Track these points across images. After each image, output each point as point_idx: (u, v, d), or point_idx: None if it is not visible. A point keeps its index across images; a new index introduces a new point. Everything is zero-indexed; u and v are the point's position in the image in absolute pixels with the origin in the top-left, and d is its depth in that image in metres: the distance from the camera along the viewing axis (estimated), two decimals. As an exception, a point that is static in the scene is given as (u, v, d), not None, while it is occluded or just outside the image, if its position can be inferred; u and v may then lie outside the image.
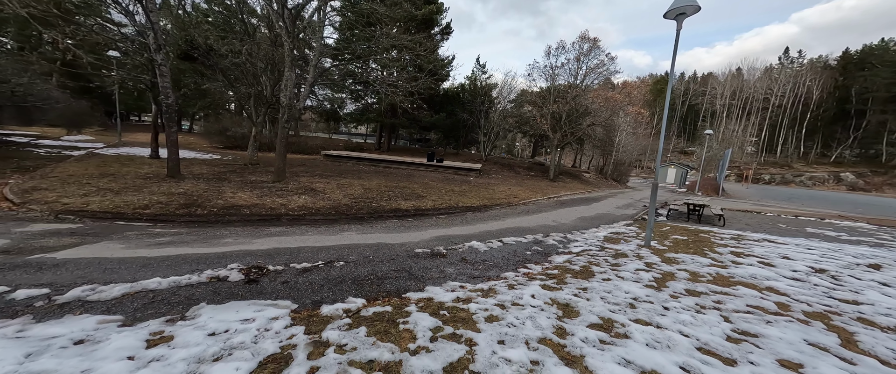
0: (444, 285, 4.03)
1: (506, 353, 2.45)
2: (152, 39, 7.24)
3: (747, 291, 3.90)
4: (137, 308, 2.99)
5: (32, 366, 2.00)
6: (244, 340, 2.48)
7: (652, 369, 2.34)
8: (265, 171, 11.07)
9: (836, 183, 53.81)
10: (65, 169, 8.35)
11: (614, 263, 4.99)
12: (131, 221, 5.61)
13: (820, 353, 2.63)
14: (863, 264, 5.35)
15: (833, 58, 70.76)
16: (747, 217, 11.66)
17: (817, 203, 20.83)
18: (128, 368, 2.05)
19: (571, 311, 3.26)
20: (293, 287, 3.71)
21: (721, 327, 3.01)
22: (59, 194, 6.04)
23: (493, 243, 6.12)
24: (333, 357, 2.31)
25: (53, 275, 3.48)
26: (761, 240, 7.14)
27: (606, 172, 27.14)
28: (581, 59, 17.06)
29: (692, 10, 5.55)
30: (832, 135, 64.87)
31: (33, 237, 4.49)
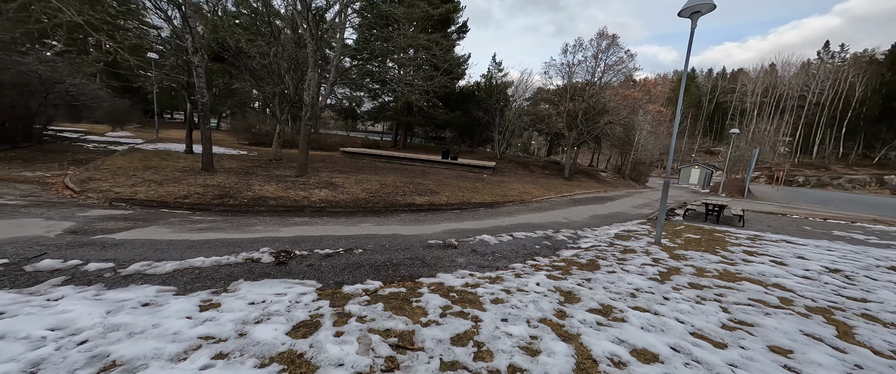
0: (455, 273, 4.30)
1: (508, 329, 2.71)
2: (190, 42, 7.87)
3: (752, 286, 3.98)
4: (187, 281, 3.43)
5: (113, 320, 2.43)
6: (279, 308, 2.85)
7: (643, 347, 2.54)
8: (288, 166, 11.68)
9: (879, 186, 50.24)
10: (113, 162, 9.19)
11: (621, 258, 5.12)
12: (174, 209, 6.20)
13: (813, 342, 2.74)
14: (883, 266, 5.23)
15: (880, 52, 65.78)
16: (770, 219, 11.30)
17: (854, 207, 19.71)
18: (187, 324, 2.45)
19: (573, 297, 3.47)
20: (317, 270, 4.08)
21: (718, 316, 3.14)
22: (112, 184, 6.74)
23: (504, 237, 6.35)
24: (355, 325, 2.64)
25: (115, 252, 4.01)
26: (779, 241, 7.02)
27: (624, 172, 26.58)
28: (599, 57, 16.86)
29: (707, 8, 5.56)
30: (876, 135, 60.47)
31: (94, 221, 5.09)
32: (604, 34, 16.76)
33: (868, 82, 61.81)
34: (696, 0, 5.55)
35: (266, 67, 11.15)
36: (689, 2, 5.62)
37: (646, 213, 11.34)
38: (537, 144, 48.03)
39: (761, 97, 72.02)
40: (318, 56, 8.48)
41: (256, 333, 2.42)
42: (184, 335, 2.32)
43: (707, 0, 5.48)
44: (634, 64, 16.64)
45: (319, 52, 8.68)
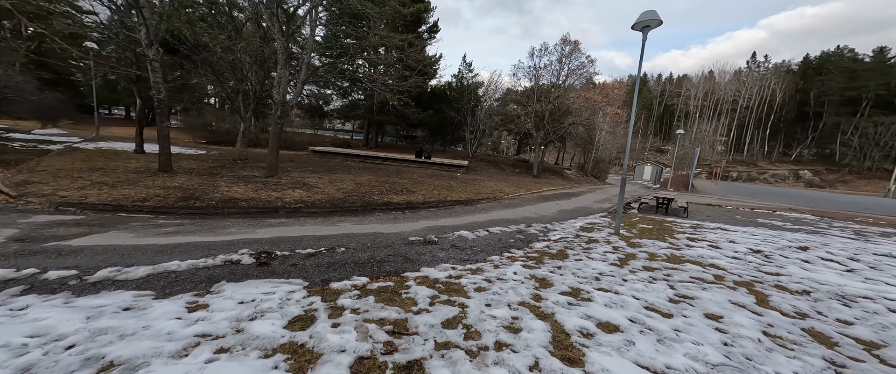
0: (438, 267, 4.53)
1: (492, 312, 3.00)
2: (144, 35, 7.31)
3: (693, 266, 4.62)
4: (165, 285, 3.34)
5: (97, 324, 2.37)
6: (271, 306, 2.91)
7: (606, 320, 2.94)
8: (256, 166, 11.20)
9: (795, 180, 57.76)
10: (50, 163, 8.28)
11: (586, 247, 5.64)
12: (132, 213, 5.80)
13: (738, 309, 3.32)
14: (794, 246, 6.25)
15: (795, 63, 75.56)
16: (709, 210, 12.76)
17: (776, 198, 22.64)
18: (179, 325, 2.45)
19: (547, 283, 3.84)
20: (301, 269, 4.11)
21: (666, 292, 3.66)
22: (54, 187, 6.13)
23: (480, 232, 6.67)
24: (350, 316, 2.78)
25: (75, 259, 3.75)
26: (715, 228, 8.04)
27: (587, 170, 28.39)
28: (563, 61, 17.90)
29: (655, 23, 6.25)
30: (793, 135, 69.42)
31: (41, 227, 4.67)
32: (567, 40, 17.84)
33: (786, 90, 70.75)
34: (646, 16, 6.23)
35: (229, 62, 10.59)
36: (641, 17, 6.29)
37: (606, 207, 12.30)
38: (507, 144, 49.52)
39: (702, 101, 79.74)
40: (287, 53, 8.25)
41: (254, 328, 2.48)
42: (179, 334, 2.33)
43: (655, 17, 6.17)
44: (594, 68, 17.95)
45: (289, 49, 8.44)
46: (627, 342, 2.58)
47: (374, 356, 2.23)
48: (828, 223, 10.50)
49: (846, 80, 62.06)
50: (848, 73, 62.73)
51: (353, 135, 36.11)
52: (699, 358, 2.42)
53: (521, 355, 2.35)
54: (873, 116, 54.95)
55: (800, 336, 2.82)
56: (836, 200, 26.08)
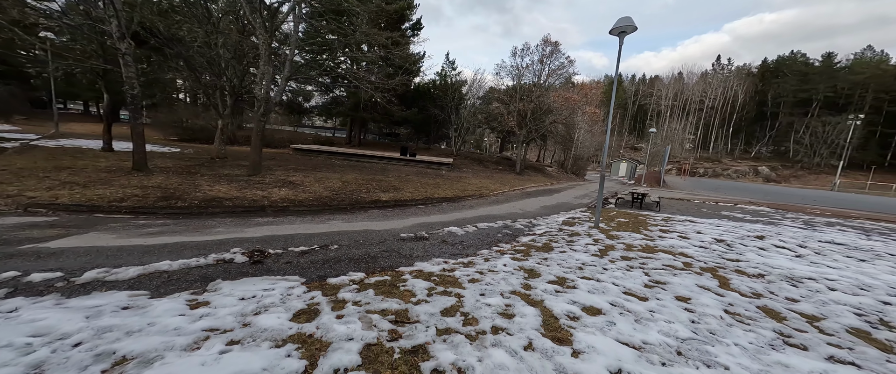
0: (431, 261, 4.69)
1: (486, 300, 3.20)
2: (115, 26, 6.95)
3: (665, 255, 5.03)
4: (158, 285, 3.31)
5: (99, 323, 2.37)
6: (273, 301, 2.97)
7: (590, 305, 3.21)
8: (236, 165, 10.88)
9: (754, 176, 62.00)
10: (9, 162, 7.73)
11: (569, 240, 5.97)
12: (109, 213, 5.58)
13: (704, 291, 3.70)
14: (752, 236, 6.87)
15: (754, 66, 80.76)
16: (679, 204, 13.61)
17: (737, 193, 24.32)
18: (185, 321, 2.49)
19: (535, 273, 4.09)
20: (296, 266, 4.15)
21: (641, 279, 4.00)
22: (20, 188, 5.77)
23: (469, 228, 6.88)
24: (353, 308, 2.90)
25: (57, 261, 3.63)
26: (684, 220, 8.66)
27: (567, 167, 29.33)
28: (544, 61, 18.42)
29: (631, 29, 6.65)
30: (753, 134, 74.38)
31: (12, 230, 4.43)
32: (548, 41, 18.36)
33: (747, 91, 75.57)
34: (622, 22, 6.61)
35: (206, 57, 10.21)
36: (618, 23, 6.67)
37: (585, 202, 12.86)
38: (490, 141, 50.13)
39: (672, 101, 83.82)
40: (270, 49, 8.08)
41: (260, 322, 2.56)
42: (186, 329, 2.37)
43: (630, 24, 6.56)
44: (574, 69, 18.58)
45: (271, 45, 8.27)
46: (609, 323, 2.85)
47: (380, 343, 2.38)
48: (781, 215, 11.50)
49: (799, 82, 67.09)
50: (800, 76, 67.84)
51: (335, 132, 35.43)
52: (671, 334, 2.72)
53: (516, 337, 2.56)
54: (822, 116, 59.72)
55: (755, 313, 3.21)
56: (790, 193, 28.31)
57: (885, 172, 54.32)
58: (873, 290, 3.94)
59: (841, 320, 3.09)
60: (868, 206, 18.14)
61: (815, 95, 64.80)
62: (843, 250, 6.14)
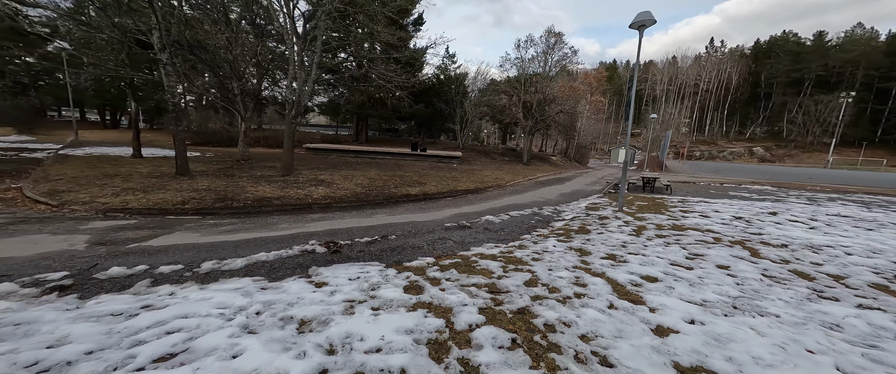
0: (483, 246, 5.16)
1: (557, 274, 3.69)
2: (157, 39, 7.22)
3: (694, 232, 5.55)
4: (267, 272, 3.76)
5: (257, 298, 2.82)
6: (378, 280, 3.43)
7: (646, 274, 3.71)
8: (263, 166, 11.24)
9: (749, 156, 63.03)
10: (59, 171, 8.03)
11: (602, 223, 6.48)
12: (177, 215, 5.98)
13: (739, 260, 4.22)
14: (765, 212, 7.43)
15: (747, 48, 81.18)
16: (686, 187, 14.19)
17: (736, 173, 25.02)
18: (322, 296, 2.94)
19: (585, 252, 4.58)
20: (369, 254, 4.61)
21: (681, 252, 4.52)
22: (92, 195, 6.14)
23: (503, 216, 7.36)
24: (449, 284, 3.37)
25: (168, 257, 4.05)
26: (699, 201, 9.21)
27: (570, 155, 29.87)
28: (549, 52, 18.74)
29: (650, 22, 7.05)
30: (747, 115, 75.20)
31: (108, 232, 4.83)
32: (551, 32, 18.66)
33: (741, 72, 76.16)
34: (642, 16, 7.01)
35: (229, 61, 10.47)
36: (637, 17, 7.07)
37: (597, 189, 13.39)
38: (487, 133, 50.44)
39: (667, 85, 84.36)
40: (302, 55, 8.40)
41: (382, 294, 3.03)
42: (330, 301, 2.84)
43: (649, 17, 6.96)
44: (577, 59, 18.94)
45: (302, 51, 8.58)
46: (668, 288, 3.36)
47: (490, 307, 2.86)
48: (785, 193, 12.12)
49: (791, 62, 67.73)
50: (792, 56, 68.43)
51: (338, 130, 35.59)
52: (723, 294, 3.23)
53: (597, 300, 3.05)
54: (814, 95, 60.50)
55: (788, 275, 3.73)
56: (786, 172, 29.12)
57: (876, 147, 55.56)
58: (884, 253, 4.49)
59: (862, 277, 3.62)
60: (862, 181, 18.89)
61: (807, 75, 65.56)
62: (849, 221, 6.71)
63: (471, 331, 2.47)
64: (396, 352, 2.17)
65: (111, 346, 2.09)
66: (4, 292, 2.93)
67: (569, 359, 2.16)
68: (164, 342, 2.14)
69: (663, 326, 2.60)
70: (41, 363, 1.91)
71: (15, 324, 2.29)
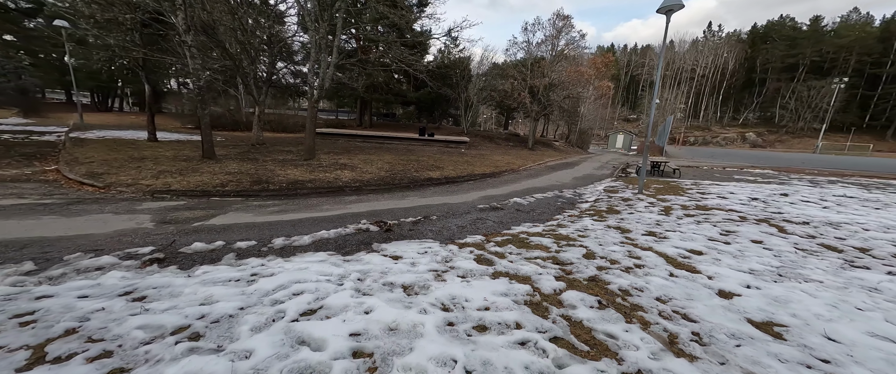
0: (522, 226, 5.42)
1: (609, 248, 3.97)
2: (181, 20, 7.08)
3: (719, 212, 5.89)
4: (335, 248, 3.96)
5: (351, 268, 3.03)
6: (445, 255, 3.66)
7: (690, 248, 4.01)
8: (281, 150, 11.25)
9: (742, 142, 64.13)
10: (84, 154, 7.98)
11: (627, 204, 6.79)
12: (221, 197, 6.10)
13: (769, 236, 4.55)
14: (777, 194, 7.82)
15: (744, 32, 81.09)
16: (692, 171, 14.62)
17: (732, 159, 25.64)
18: (405, 267, 3.17)
19: (625, 230, 4.88)
20: (419, 233, 4.84)
21: (714, 229, 4.84)
22: (133, 178, 6.19)
23: (529, 199, 7.63)
24: (513, 257, 3.63)
25: (237, 234, 4.22)
26: (711, 184, 9.60)
27: (572, 141, 30.14)
28: (558, 36, 18.62)
29: (678, 6, 7.15)
30: (741, 101, 75.98)
31: (165, 212, 4.95)
32: (560, 15, 18.48)
33: (737, 58, 76.36)
34: (670, 1, 7.10)
35: (243, 44, 10.29)
36: (665, 2, 7.15)
37: (607, 173, 13.73)
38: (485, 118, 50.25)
39: (665, 71, 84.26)
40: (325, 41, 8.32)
41: (460, 265, 3.28)
42: (416, 270, 3.08)
43: (678, 2, 7.06)
44: (584, 43, 18.89)
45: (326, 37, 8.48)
46: (715, 259, 3.67)
47: (563, 276, 3.13)
48: (787, 176, 12.61)
49: (787, 47, 68.02)
50: (789, 41, 68.68)
51: (338, 114, 35.13)
52: (766, 264, 3.55)
53: (657, 270, 3.35)
54: (808, 80, 61.22)
55: (818, 248, 4.08)
56: (778, 157, 29.91)
57: (864, 133, 56.98)
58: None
59: (885, 249, 3.99)
60: (851, 165, 19.58)
61: (801, 60, 66.05)
62: (856, 201, 7.14)
63: (558, 295, 2.74)
64: (503, 309, 2.43)
65: (256, 304, 2.31)
66: (108, 263, 3.10)
67: (655, 316, 2.45)
68: (300, 301, 2.36)
69: (724, 290, 2.90)
70: (207, 317, 2.12)
71: (154, 287, 2.48)
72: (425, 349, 1.94)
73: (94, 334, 1.89)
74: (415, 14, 21.78)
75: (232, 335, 2.00)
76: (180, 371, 1.64)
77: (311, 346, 1.93)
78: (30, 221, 4.04)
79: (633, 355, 1.95)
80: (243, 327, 2.06)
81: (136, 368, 1.66)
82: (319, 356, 1.83)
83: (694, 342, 2.13)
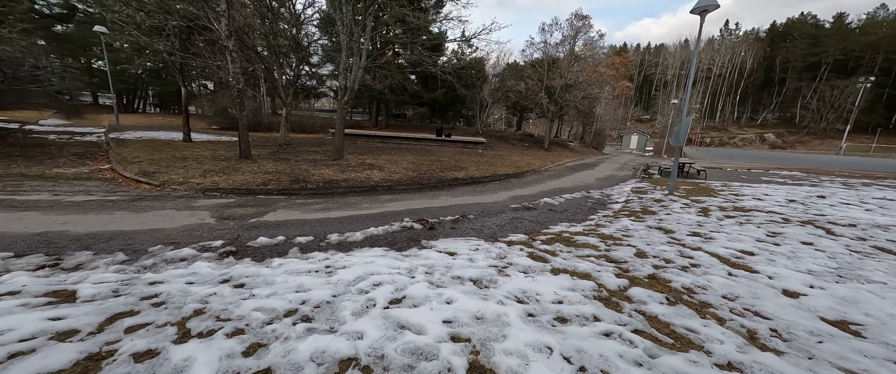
0: (560, 225, 5.49)
1: (659, 248, 4.02)
2: (224, 26, 7.37)
3: (759, 214, 5.85)
4: (386, 244, 4.11)
5: (414, 262, 3.17)
6: (498, 252, 3.77)
7: (740, 249, 4.03)
8: (308, 151, 11.53)
9: (760, 143, 62.43)
10: (131, 154, 8.35)
11: (661, 205, 6.78)
12: (267, 194, 6.34)
13: (818, 238, 4.52)
14: (813, 196, 7.69)
15: (763, 30, 79.04)
16: (716, 172, 14.39)
17: (753, 160, 25.07)
18: (465, 262, 3.29)
19: (668, 230, 4.90)
20: (461, 230, 4.95)
21: (758, 231, 4.83)
22: (183, 177, 6.49)
23: (558, 199, 7.68)
24: (563, 255, 3.71)
25: (293, 229, 4.41)
26: (741, 186, 9.47)
27: (587, 141, 29.91)
28: (577, 36, 18.56)
29: (713, 7, 7.11)
30: (760, 101, 74.00)
31: (219, 208, 5.19)
32: (578, 14, 18.43)
33: (755, 57, 74.46)
34: (705, 1, 7.07)
35: (272, 47, 10.60)
36: (700, 2, 7.12)
37: (629, 174, 13.63)
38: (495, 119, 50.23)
39: (680, 70, 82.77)
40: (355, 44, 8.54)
41: (516, 261, 3.38)
42: (477, 265, 3.19)
43: (713, 1, 7.02)
44: (603, 43, 18.75)
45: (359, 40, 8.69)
46: (769, 260, 3.68)
47: (623, 274, 3.20)
48: (817, 178, 12.32)
49: (809, 46, 66.04)
50: (810, 39, 66.66)
51: (351, 114, 35.65)
52: (822, 265, 3.55)
53: (714, 269, 3.39)
54: (831, 80, 59.27)
55: (871, 250, 4.05)
56: (801, 158, 29.09)
57: (890, 133, 54.92)
58: (949, 232, 4.79)
59: (942, 251, 3.94)
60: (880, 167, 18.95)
61: (824, 59, 64.00)
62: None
63: (624, 291, 2.82)
64: (577, 303, 2.53)
65: (345, 292, 2.47)
66: (189, 255, 3.31)
67: (726, 313, 2.51)
68: (384, 291, 2.51)
69: (789, 290, 2.93)
70: (309, 303, 2.28)
71: (246, 276, 2.66)
72: (518, 336, 2.05)
73: (219, 314, 2.06)
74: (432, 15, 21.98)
75: (337, 318, 2.15)
76: (310, 347, 1.79)
77: (412, 330, 2.06)
78: (105, 216, 4.31)
79: (720, 348, 2.03)
80: (344, 312, 2.21)
81: (272, 343, 1.82)
82: (424, 339, 1.96)
83: (775, 337, 2.19)
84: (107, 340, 1.76)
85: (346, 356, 1.81)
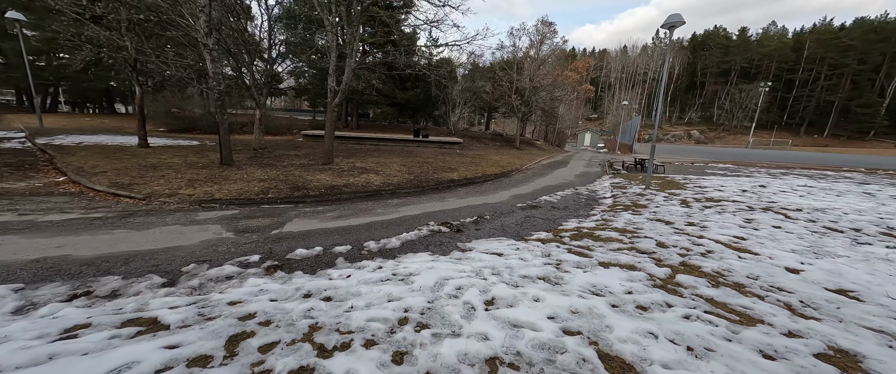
0: (570, 222, 5.91)
1: (672, 238, 4.55)
2: (204, 22, 6.65)
3: (729, 203, 6.81)
4: (425, 247, 4.15)
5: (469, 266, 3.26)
6: (542, 250, 4.01)
7: (734, 235, 4.71)
8: (288, 154, 10.86)
9: (688, 139, 71.14)
10: (87, 164, 7.18)
11: (647, 199, 7.56)
12: (271, 204, 5.91)
13: (783, 222, 5.43)
14: (757, 185, 9.10)
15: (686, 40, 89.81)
16: (669, 167, 16.21)
17: (689, 154, 28.54)
18: (518, 263, 3.46)
19: (668, 222, 5.52)
20: (486, 231, 5.13)
21: (736, 219, 5.64)
22: (168, 188, 5.77)
23: (555, 196, 8.18)
24: (598, 250, 4.06)
25: (325, 239, 4.23)
26: (698, 178, 10.84)
27: (551, 140, 31.76)
28: (543, 41, 19.67)
29: (679, 23, 8.07)
30: (686, 102, 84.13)
31: (230, 221, 4.75)
32: (544, 21, 19.55)
33: (681, 63, 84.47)
34: (672, 18, 8.00)
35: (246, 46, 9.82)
36: (669, 19, 8.04)
37: (599, 170, 14.81)
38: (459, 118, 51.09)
39: (620, 73, 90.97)
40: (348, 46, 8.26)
41: (561, 257, 3.64)
42: (533, 263, 3.39)
43: (679, 19, 7.97)
44: (566, 47, 20.04)
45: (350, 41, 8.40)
46: (759, 243, 4.37)
47: (661, 264, 3.60)
48: (747, 169, 14.49)
49: (721, 54, 76.46)
50: (722, 49, 77.22)
51: (315, 114, 33.89)
52: (799, 245, 4.31)
53: (726, 253, 3.94)
54: (739, 84, 69.41)
55: (823, 230, 4.97)
56: (723, 152, 33.81)
57: (783, 129, 65.94)
58: (865, 212, 6.03)
59: (870, 229, 4.97)
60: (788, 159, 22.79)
61: (733, 66, 74.63)
62: (817, 189, 8.54)
63: (672, 278, 3.21)
64: (644, 292, 2.83)
65: (436, 298, 2.51)
66: (233, 272, 3.08)
67: (758, 290, 2.99)
68: (472, 293, 2.59)
69: (789, 267, 3.54)
70: (411, 310, 2.30)
71: (325, 289, 2.56)
72: (621, 325, 2.27)
73: (338, 326, 2.01)
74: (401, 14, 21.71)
75: (450, 322, 2.20)
76: (452, 351, 1.84)
77: (527, 328, 2.19)
78: (104, 236, 3.74)
79: (777, 320, 2.44)
80: (453, 316, 2.26)
81: (414, 350, 1.83)
82: (545, 335, 2.10)
83: (807, 307, 2.68)
84: (250, 361, 1.65)
85: (488, 355, 1.89)
